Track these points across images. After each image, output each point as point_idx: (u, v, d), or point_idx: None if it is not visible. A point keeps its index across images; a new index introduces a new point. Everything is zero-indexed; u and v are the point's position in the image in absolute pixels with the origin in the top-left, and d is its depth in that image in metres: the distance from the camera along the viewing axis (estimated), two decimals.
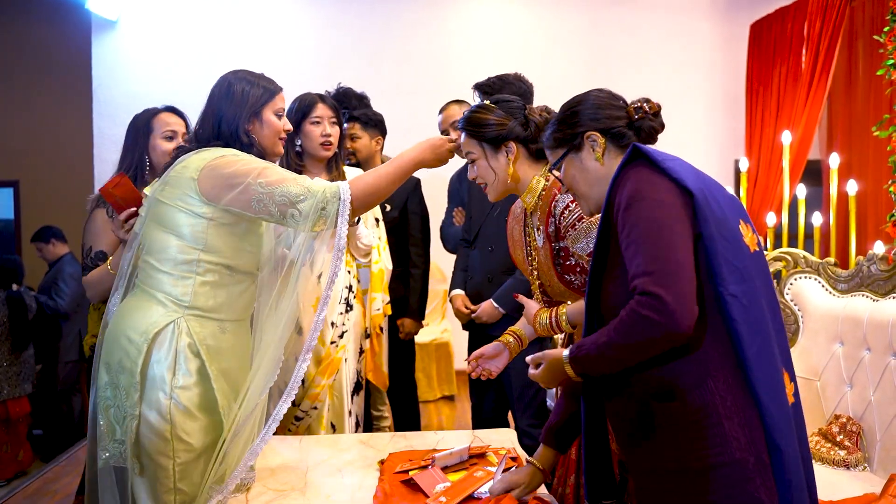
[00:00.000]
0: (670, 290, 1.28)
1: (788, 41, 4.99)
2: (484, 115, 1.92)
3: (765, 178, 5.12)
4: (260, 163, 1.85)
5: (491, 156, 1.93)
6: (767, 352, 1.37)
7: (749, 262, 1.40)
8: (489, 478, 1.86)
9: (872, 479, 2.27)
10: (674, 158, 1.46)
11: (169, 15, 5.59)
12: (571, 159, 1.60)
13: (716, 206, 1.39)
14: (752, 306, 1.36)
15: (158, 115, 2.48)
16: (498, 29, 5.80)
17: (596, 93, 1.62)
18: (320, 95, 2.71)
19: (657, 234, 1.33)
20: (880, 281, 2.52)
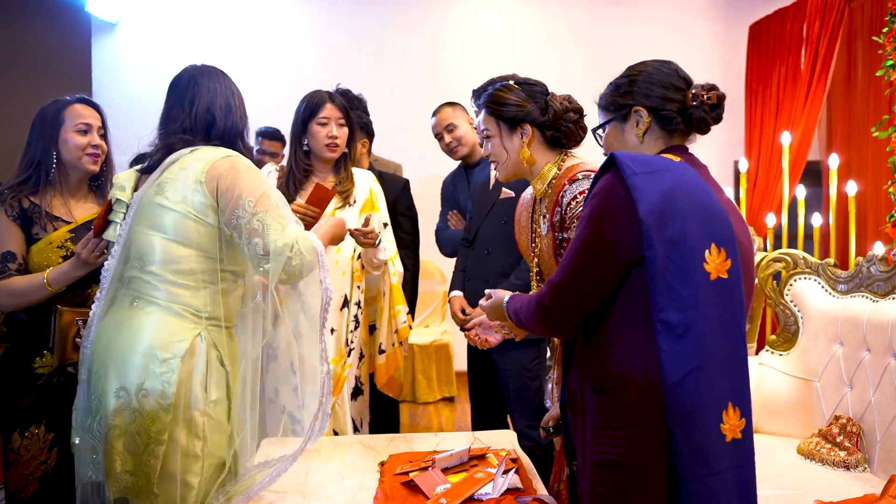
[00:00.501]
0: (560, 306, 1.48)
1: (787, 42, 4.99)
2: (505, 94, 1.95)
3: (764, 178, 5.12)
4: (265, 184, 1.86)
5: (506, 135, 1.95)
6: (698, 383, 1.35)
7: (703, 289, 1.36)
8: (489, 479, 1.86)
9: (872, 480, 2.27)
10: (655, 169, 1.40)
11: (169, 17, 5.59)
12: (615, 127, 1.60)
13: (677, 227, 1.35)
14: (688, 336, 1.34)
15: (71, 106, 2.23)
16: (496, 29, 5.80)
17: (659, 66, 1.57)
18: (330, 95, 2.67)
19: (580, 254, 1.43)
20: (880, 282, 2.52)
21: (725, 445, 1.37)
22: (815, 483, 2.25)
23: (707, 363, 1.35)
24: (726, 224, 1.42)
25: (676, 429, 1.35)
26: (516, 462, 2.02)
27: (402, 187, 3.33)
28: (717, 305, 1.37)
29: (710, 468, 1.35)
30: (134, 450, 1.71)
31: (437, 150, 4.01)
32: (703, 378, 1.35)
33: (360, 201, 2.73)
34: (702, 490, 1.35)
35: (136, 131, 2.25)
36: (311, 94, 2.67)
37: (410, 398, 5.16)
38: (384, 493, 1.87)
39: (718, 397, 1.37)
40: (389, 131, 5.29)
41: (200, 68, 1.99)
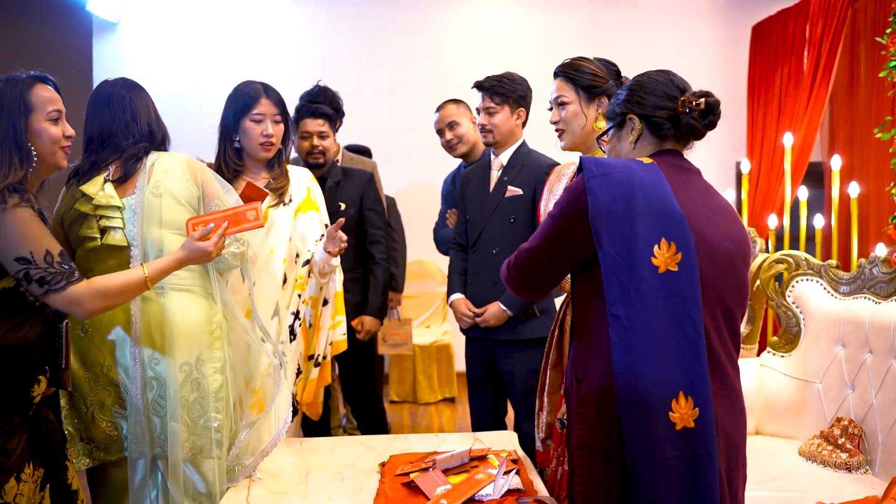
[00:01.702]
0: (520, 266, 1.64)
1: (790, 43, 4.98)
2: (582, 63, 2.11)
3: (766, 180, 5.11)
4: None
5: (585, 103, 2.10)
6: (642, 372, 1.42)
7: (650, 283, 1.43)
8: (490, 480, 1.86)
9: (874, 482, 2.27)
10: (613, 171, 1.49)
11: (169, 17, 5.59)
12: (614, 135, 1.69)
13: (626, 225, 1.44)
14: (635, 328, 1.42)
15: (34, 88, 1.83)
16: (496, 30, 5.80)
17: (655, 76, 1.64)
18: (265, 87, 2.43)
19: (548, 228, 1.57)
20: (882, 283, 2.51)
21: (674, 433, 1.42)
22: (817, 485, 2.24)
23: (653, 353, 1.42)
24: (678, 219, 1.47)
25: (623, 415, 1.44)
26: (517, 463, 2.01)
27: (367, 181, 3.18)
28: (666, 297, 1.43)
29: (654, 454, 1.42)
30: (198, 415, 2.01)
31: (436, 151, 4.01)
32: (648, 368, 1.42)
33: (296, 200, 2.51)
34: (646, 475, 1.42)
35: None
36: (243, 86, 2.43)
37: (411, 399, 5.16)
38: (385, 494, 1.86)
39: (666, 386, 1.42)
40: (389, 131, 5.30)
41: (123, 83, 2.13)
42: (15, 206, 1.66)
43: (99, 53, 5.54)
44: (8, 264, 1.68)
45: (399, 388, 5.17)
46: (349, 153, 3.71)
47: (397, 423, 4.74)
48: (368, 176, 3.21)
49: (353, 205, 3.13)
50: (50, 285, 1.69)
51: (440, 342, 5.18)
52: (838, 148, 4.88)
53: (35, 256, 1.67)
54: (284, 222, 2.44)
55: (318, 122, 3.11)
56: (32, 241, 1.67)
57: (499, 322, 2.78)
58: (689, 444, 1.42)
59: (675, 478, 1.42)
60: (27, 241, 1.67)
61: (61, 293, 1.71)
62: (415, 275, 5.25)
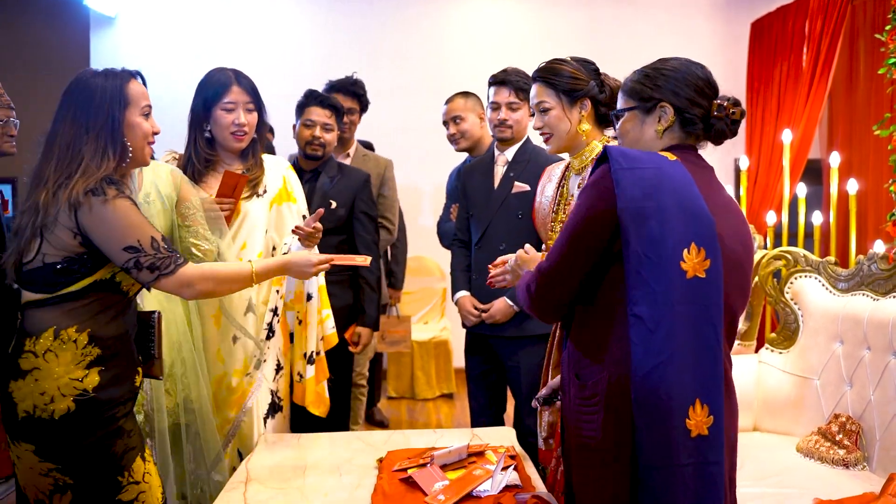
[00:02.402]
0: (539, 291, 1.55)
1: (789, 40, 4.97)
2: (560, 66, 2.06)
3: (765, 176, 5.11)
4: None
5: (567, 107, 2.05)
6: (663, 377, 1.38)
7: (677, 287, 1.38)
8: (488, 476, 1.86)
9: (871, 479, 2.27)
10: (641, 166, 1.43)
11: (167, 11, 5.57)
12: (636, 115, 1.60)
13: (656, 225, 1.39)
14: (658, 331, 1.38)
15: (131, 82, 1.82)
16: (495, 28, 5.78)
17: (693, 68, 1.58)
18: (236, 74, 2.33)
19: (566, 240, 1.48)
20: (880, 280, 2.51)
21: (689, 440, 1.40)
22: (815, 481, 2.24)
23: (675, 359, 1.38)
24: (708, 224, 1.43)
25: (641, 420, 1.40)
26: (515, 459, 2.01)
27: (362, 182, 3.04)
28: (691, 304, 1.40)
29: (670, 460, 1.39)
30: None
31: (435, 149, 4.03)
32: (670, 373, 1.38)
33: (271, 191, 2.43)
34: (660, 481, 1.40)
35: None
36: (214, 74, 2.33)
37: (409, 395, 5.16)
38: (382, 490, 1.86)
39: (685, 393, 1.40)
40: (388, 130, 5.28)
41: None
42: (115, 198, 1.66)
43: (96, 48, 5.52)
44: (116, 255, 1.68)
45: (397, 383, 5.17)
46: (363, 149, 3.67)
47: (395, 418, 4.74)
48: (365, 177, 3.08)
49: (345, 205, 2.98)
50: (161, 270, 1.71)
51: (438, 338, 5.18)
52: (837, 145, 4.87)
53: (143, 244, 1.69)
54: (258, 215, 2.36)
55: (326, 112, 2.98)
56: (137, 229, 1.69)
57: (505, 318, 2.77)
58: (702, 452, 1.41)
59: (689, 485, 1.40)
60: (133, 230, 1.68)
61: (172, 276, 1.73)
62: (413, 271, 5.25)
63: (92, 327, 1.68)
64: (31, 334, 1.67)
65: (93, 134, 1.70)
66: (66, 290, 1.68)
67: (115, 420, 1.71)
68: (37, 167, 1.72)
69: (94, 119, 1.71)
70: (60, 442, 1.66)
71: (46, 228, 1.66)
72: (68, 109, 1.72)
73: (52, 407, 1.64)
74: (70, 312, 1.68)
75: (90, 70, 1.78)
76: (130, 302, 1.82)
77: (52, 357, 1.65)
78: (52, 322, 1.67)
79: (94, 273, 1.71)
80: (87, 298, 1.70)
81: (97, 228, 1.65)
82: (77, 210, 1.64)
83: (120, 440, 1.71)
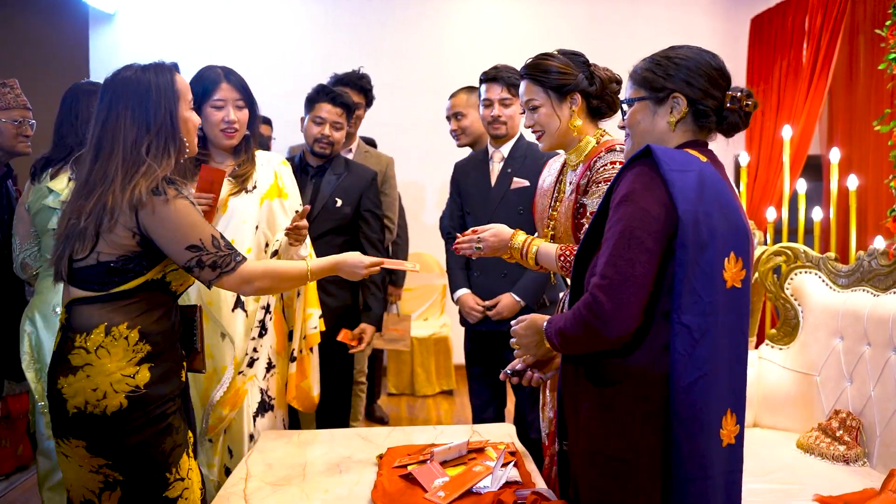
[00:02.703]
0: (613, 300, 1.36)
1: (789, 36, 4.97)
2: (548, 62, 1.97)
3: (765, 172, 5.10)
4: None
5: (556, 104, 1.97)
6: (706, 388, 1.35)
7: (720, 297, 1.36)
8: (488, 472, 1.86)
9: (872, 475, 2.27)
10: (686, 169, 1.38)
11: (166, 9, 5.56)
12: (647, 106, 1.54)
13: (706, 232, 1.35)
14: (704, 341, 1.35)
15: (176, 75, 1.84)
16: (495, 26, 5.77)
17: (707, 57, 1.51)
18: (225, 72, 2.32)
19: (626, 243, 1.36)
20: (881, 276, 2.51)
21: (721, 450, 1.39)
22: (815, 477, 2.24)
23: (715, 370, 1.36)
24: (745, 233, 1.42)
25: (681, 431, 1.36)
26: (515, 455, 2.01)
27: (370, 181, 3.00)
28: (729, 314, 1.38)
29: (706, 471, 1.37)
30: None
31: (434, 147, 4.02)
32: (710, 384, 1.36)
33: (262, 187, 2.40)
34: (696, 492, 1.36)
35: None
36: (204, 72, 2.31)
37: (409, 391, 5.16)
38: (382, 487, 1.86)
39: (721, 404, 1.38)
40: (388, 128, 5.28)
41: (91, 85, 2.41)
42: (175, 198, 1.67)
43: (95, 45, 5.51)
44: (178, 254, 1.69)
45: (397, 380, 5.17)
46: (365, 145, 3.63)
47: (395, 415, 4.74)
48: (372, 175, 3.03)
49: (350, 203, 2.93)
50: (222, 268, 1.73)
51: (438, 335, 5.18)
52: (837, 140, 4.86)
53: (204, 242, 1.70)
54: (247, 210, 2.33)
55: (337, 110, 2.89)
56: (198, 228, 1.70)
57: (511, 313, 2.76)
58: (730, 461, 1.41)
59: (720, 494, 1.39)
60: (194, 229, 1.69)
61: (234, 273, 1.75)
62: None
63: (142, 324, 1.69)
64: (80, 330, 1.66)
65: (153, 131, 1.70)
66: (117, 288, 1.68)
67: (165, 417, 1.71)
68: (98, 165, 1.69)
69: (154, 117, 1.70)
70: (112, 438, 1.65)
71: (105, 228, 1.65)
72: (123, 108, 1.70)
73: (104, 403, 1.63)
74: (120, 310, 1.68)
75: (133, 66, 1.77)
76: (174, 301, 1.82)
77: (104, 353, 1.65)
78: (103, 318, 1.66)
79: (147, 273, 1.71)
80: (136, 297, 1.70)
81: (159, 228, 1.66)
82: (139, 210, 1.64)
83: (169, 437, 1.71)
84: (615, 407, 1.43)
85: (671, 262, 1.37)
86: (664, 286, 1.38)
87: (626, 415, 1.41)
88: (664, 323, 1.39)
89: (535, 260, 1.98)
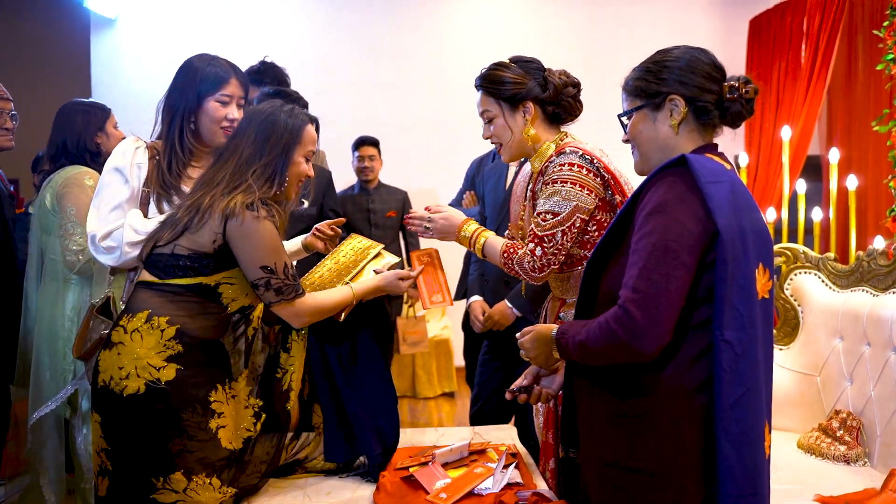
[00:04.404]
0: (647, 315, 1.30)
1: (788, 36, 4.98)
2: (501, 72, 1.92)
3: (764, 173, 5.11)
4: None
5: (509, 115, 1.93)
6: (750, 404, 1.33)
7: (755, 309, 1.34)
8: (489, 474, 1.86)
9: (873, 475, 2.27)
10: (720, 179, 1.35)
11: (168, 13, 5.58)
12: (646, 114, 1.50)
13: (741, 246, 1.32)
14: (746, 355, 1.33)
15: (308, 126, 1.93)
16: (495, 26, 5.79)
17: (696, 54, 1.48)
18: (233, 67, 2.19)
19: (660, 257, 1.32)
20: (880, 276, 2.51)
21: (765, 462, 1.38)
22: (816, 477, 2.25)
23: (757, 384, 1.34)
24: (769, 242, 1.41)
25: (730, 448, 1.32)
26: (516, 457, 2.02)
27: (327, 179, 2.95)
28: (763, 325, 1.36)
29: (757, 487, 1.34)
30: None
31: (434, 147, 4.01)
32: (755, 398, 1.34)
33: None
34: None
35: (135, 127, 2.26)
36: (212, 64, 2.11)
37: (410, 393, 5.16)
38: (384, 489, 1.87)
39: (762, 417, 1.37)
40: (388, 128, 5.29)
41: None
42: (265, 218, 1.76)
43: (97, 49, 5.53)
44: (251, 270, 1.78)
45: (398, 382, 5.17)
46: None
47: None
48: (328, 174, 2.97)
49: (315, 202, 2.88)
50: (284, 295, 1.81)
51: (439, 337, 5.19)
52: (836, 141, 4.87)
53: (277, 267, 1.79)
54: None
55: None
56: (276, 252, 1.79)
57: (505, 320, 2.75)
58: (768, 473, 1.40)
59: None
60: (273, 253, 1.78)
61: (291, 304, 1.84)
62: None
63: (183, 324, 1.75)
64: (129, 311, 1.77)
65: (265, 160, 1.82)
66: (173, 280, 1.77)
67: (179, 419, 1.72)
68: (212, 170, 1.84)
69: (271, 149, 1.83)
70: (121, 420, 1.71)
71: (195, 226, 1.76)
72: (252, 130, 1.85)
73: (125, 383, 1.70)
74: (168, 303, 1.76)
75: (278, 103, 1.91)
76: (231, 318, 1.86)
77: (137, 337, 1.72)
78: (150, 306, 1.75)
79: (204, 276, 1.78)
80: (187, 296, 1.78)
81: (242, 241, 1.75)
82: (229, 219, 1.74)
83: (179, 439, 1.71)
84: (641, 419, 1.38)
85: (704, 274, 1.34)
86: (696, 298, 1.35)
87: (655, 427, 1.37)
88: (693, 335, 1.36)
89: (482, 251, 1.97)
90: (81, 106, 2.69)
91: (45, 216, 2.55)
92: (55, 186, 2.52)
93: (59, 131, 2.63)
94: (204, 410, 1.75)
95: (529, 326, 1.65)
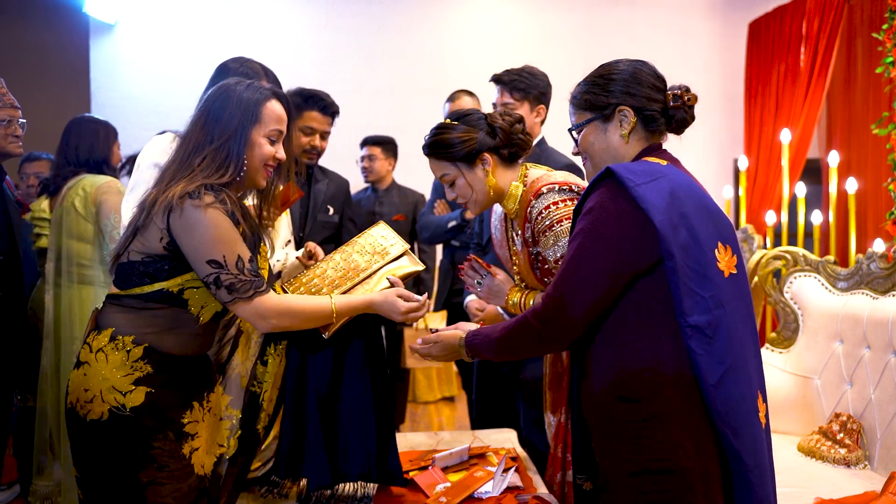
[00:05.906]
0: (562, 315, 1.43)
1: (787, 39, 4.98)
2: (447, 136, 1.86)
3: (764, 176, 5.11)
4: None
5: (468, 172, 1.87)
6: (736, 378, 1.38)
7: (721, 287, 1.39)
8: (489, 478, 1.86)
9: (873, 477, 2.27)
10: (653, 178, 1.40)
11: (167, 18, 5.58)
12: (596, 126, 1.55)
13: (686, 232, 1.38)
14: (718, 335, 1.37)
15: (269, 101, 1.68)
16: (495, 29, 5.80)
17: (638, 66, 1.55)
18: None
19: (578, 262, 1.41)
20: (880, 279, 2.51)
21: (762, 432, 1.43)
22: (816, 480, 2.25)
23: (739, 359, 1.39)
24: (726, 222, 1.46)
25: (726, 428, 1.37)
26: (516, 461, 2.02)
27: (347, 187, 2.96)
28: (737, 300, 1.41)
29: (758, 456, 1.40)
30: None
31: None
32: (739, 374, 1.38)
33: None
34: (755, 480, 1.39)
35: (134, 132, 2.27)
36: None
37: (410, 398, 5.15)
38: (385, 493, 1.86)
39: (752, 388, 1.42)
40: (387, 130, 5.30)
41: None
42: (210, 206, 1.53)
43: (96, 55, 5.53)
44: (199, 265, 1.56)
45: (399, 386, 5.16)
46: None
47: (396, 421, 4.74)
48: (346, 182, 2.97)
49: (338, 210, 2.89)
50: (238, 293, 1.58)
51: None
52: (836, 144, 4.87)
53: (227, 261, 1.56)
54: (283, 227, 2.33)
55: (328, 119, 2.75)
56: (224, 243, 1.55)
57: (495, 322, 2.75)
58: (767, 441, 1.45)
59: (769, 473, 1.44)
60: (220, 244, 1.55)
61: (249, 303, 1.59)
62: None
63: (152, 342, 1.57)
64: (97, 328, 1.58)
65: (216, 144, 1.59)
66: (134, 290, 1.57)
67: (149, 447, 1.54)
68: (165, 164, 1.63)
69: (222, 131, 1.60)
70: (85, 447, 1.54)
71: (143, 227, 1.56)
72: (202, 115, 1.63)
73: (88, 407, 1.52)
74: (134, 319, 1.57)
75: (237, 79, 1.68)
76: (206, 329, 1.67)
77: (101, 357, 1.54)
78: (114, 323, 1.57)
79: (164, 281, 1.57)
80: (152, 308, 1.58)
81: (185, 234, 1.54)
82: (171, 212, 1.53)
83: (149, 470, 1.54)
84: (656, 420, 1.40)
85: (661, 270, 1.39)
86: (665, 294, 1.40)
87: (670, 424, 1.39)
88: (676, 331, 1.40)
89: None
90: (101, 122, 2.88)
91: (72, 221, 2.60)
92: (87, 193, 2.61)
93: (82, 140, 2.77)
94: (177, 435, 1.58)
95: (433, 335, 1.77)
